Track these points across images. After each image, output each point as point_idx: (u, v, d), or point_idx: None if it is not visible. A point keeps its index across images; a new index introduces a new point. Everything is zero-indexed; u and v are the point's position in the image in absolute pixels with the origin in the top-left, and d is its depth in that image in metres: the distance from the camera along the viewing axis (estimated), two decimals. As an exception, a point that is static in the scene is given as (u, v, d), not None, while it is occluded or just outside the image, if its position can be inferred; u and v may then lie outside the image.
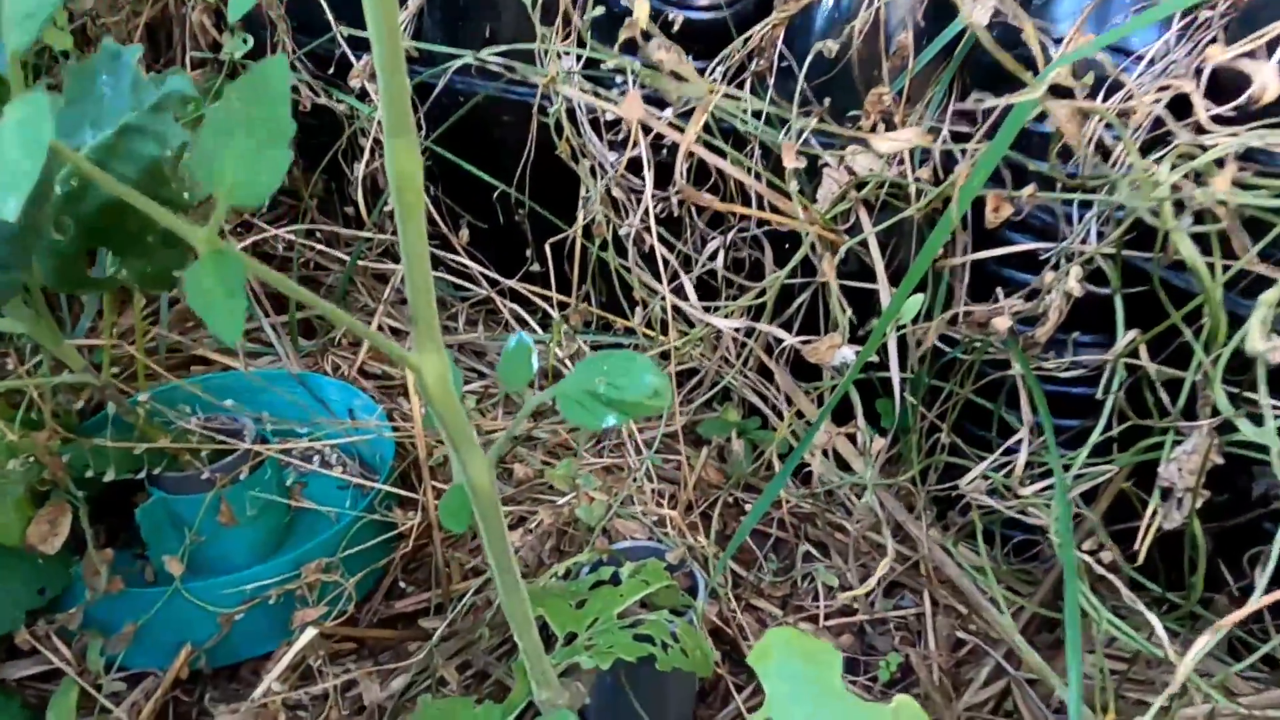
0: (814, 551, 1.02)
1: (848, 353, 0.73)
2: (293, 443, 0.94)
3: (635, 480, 0.87)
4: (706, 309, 0.91)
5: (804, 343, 0.76)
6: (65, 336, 0.77)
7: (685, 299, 0.86)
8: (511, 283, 1.08)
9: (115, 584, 0.78)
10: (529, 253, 1.09)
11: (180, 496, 0.89)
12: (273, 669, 0.74)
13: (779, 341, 0.83)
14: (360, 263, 1.21)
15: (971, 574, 0.82)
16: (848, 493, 1.06)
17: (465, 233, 1.07)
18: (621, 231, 0.88)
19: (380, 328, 1.24)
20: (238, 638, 0.85)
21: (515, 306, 1.12)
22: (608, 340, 1.13)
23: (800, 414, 0.90)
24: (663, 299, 0.86)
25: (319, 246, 1.19)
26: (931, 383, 0.90)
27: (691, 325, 0.91)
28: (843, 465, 0.97)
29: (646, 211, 0.81)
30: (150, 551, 0.90)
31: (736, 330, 0.90)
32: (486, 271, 1.09)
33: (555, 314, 1.06)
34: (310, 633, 0.75)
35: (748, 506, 1.03)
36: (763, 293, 0.83)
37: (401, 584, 0.94)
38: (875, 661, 0.93)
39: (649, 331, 1.02)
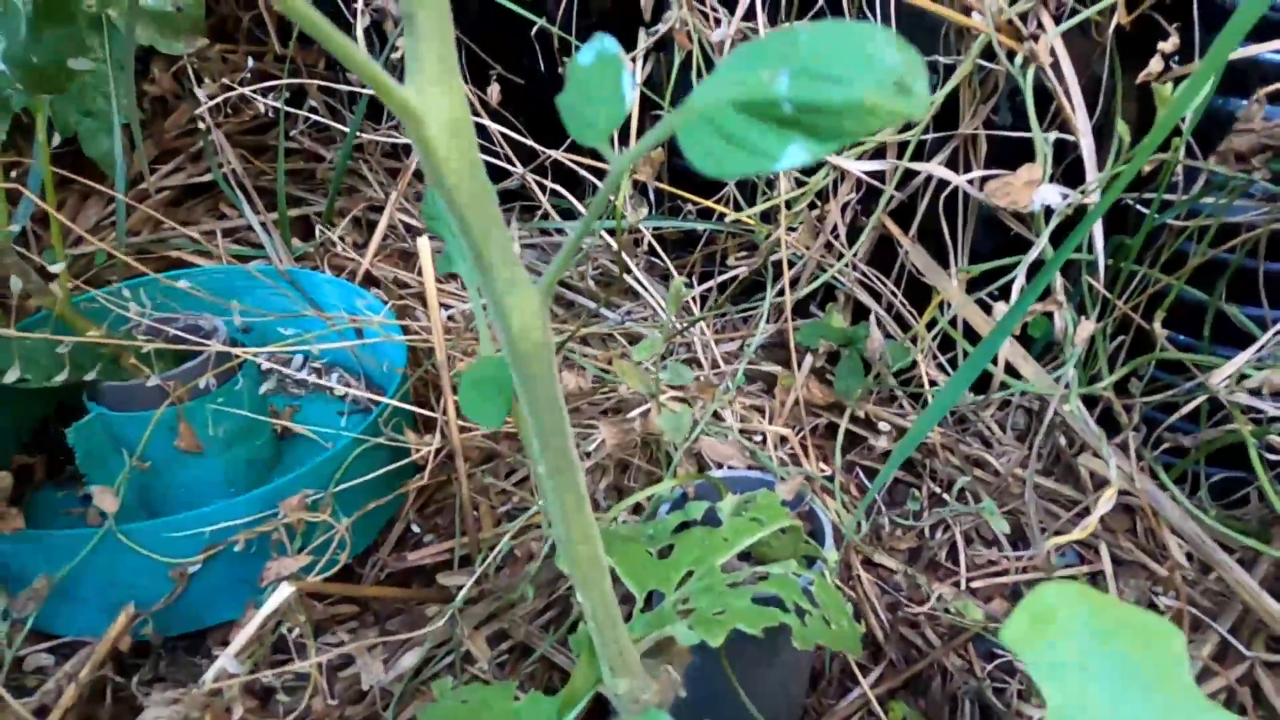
0: (943, 494, 0.78)
1: (1052, 193, 0.49)
2: (276, 346, 0.72)
3: (728, 388, 0.64)
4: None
5: (978, 181, 0.52)
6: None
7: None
8: (556, 154, 0.84)
9: (9, 521, 0.56)
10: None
11: (124, 414, 0.67)
12: (232, 642, 0.53)
13: (915, 200, 0.59)
14: (368, 136, 0.98)
15: (1196, 514, 0.58)
16: (987, 420, 0.82)
17: (496, 89, 0.84)
18: (714, 37, 0.64)
19: (393, 224, 1.02)
20: (198, 599, 0.64)
21: (557, 186, 0.89)
22: (673, 225, 0.90)
23: (945, 307, 0.66)
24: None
25: (316, 118, 0.96)
26: (1130, 267, 0.66)
27: (804, 182, 0.68)
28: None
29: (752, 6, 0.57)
30: (90, 486, 0.69)
31: (868, 175, 0.66)
32: (522, 140, 0.86)
33: (612, 197, 0.83)
34: (286, 590, 0.53)
35: (861, 433, 0.80)
36: (909, 125, 0.60)
37: (416, 528, 0.72)
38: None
39: (736, 213, 0.78)
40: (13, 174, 0.90)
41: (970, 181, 0.58)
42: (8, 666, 0.60)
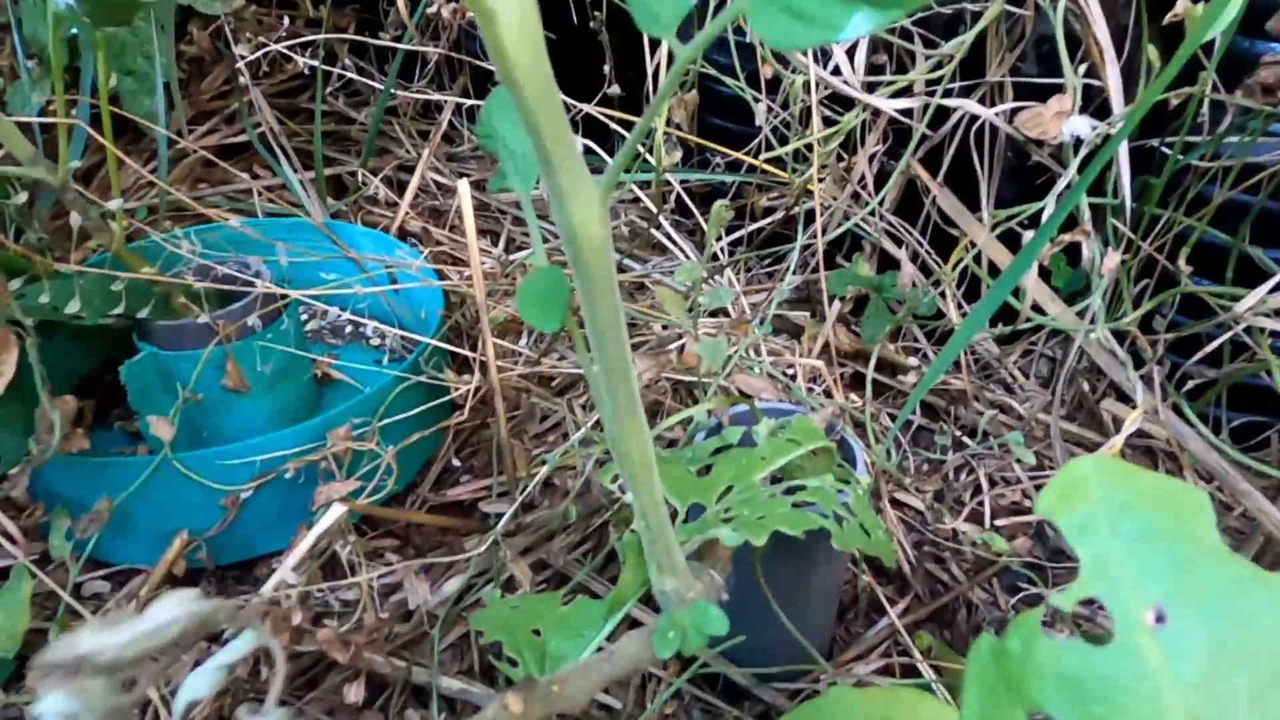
0: (971, 443, 0.80)
1: (1081, 124, 0.51)
2: (320, 289, 0.74)
3: (760, 325, 0.66)
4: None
5: (1007, 114, 0.54)
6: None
7: (836, 72, 0.63)
8: (588, 107, 0.86)
9: (76, 441, 0.59)
10: (607, 69, 0.88)
11: (174, 352, 0.70)
12: (288, 558, 0.55)
13: (940, 151, 0.60)
14: (400, 95, 1.00)
15: (1222, 449, 0.60)
16: (1010, 367, 0.84)
17: (528, 44, 0.85)
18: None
19: (425, 184, 1.04)
20: (249, 527, 0.67)
21: (587, 141, 0.91)
22: (703, 179, 0.91)
23: (971, 250, 0.68)
24: (804, 78, 0.63)
25: (350, 76, 0.98)
26: (1154, 210, 0.67)
27: (835, 121, 0.69)
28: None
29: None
30: (141, 424, 0.71)
31: (903, 114, 0.67)
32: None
33: (641, 148, 0.85)
34: (338, 510, 0.55)
35: (887, 380, 0.82)
36: (938, 64, 0.61)
37: (456, 463, 0.74)
38: (1063, 574, 0.71)
39: (767, 164, 0.80)
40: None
41: (1004, 116, 0.60)
42: (69, 589, 0.62)
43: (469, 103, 0.97)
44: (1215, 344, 0.63)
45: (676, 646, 0.40)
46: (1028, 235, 0.57)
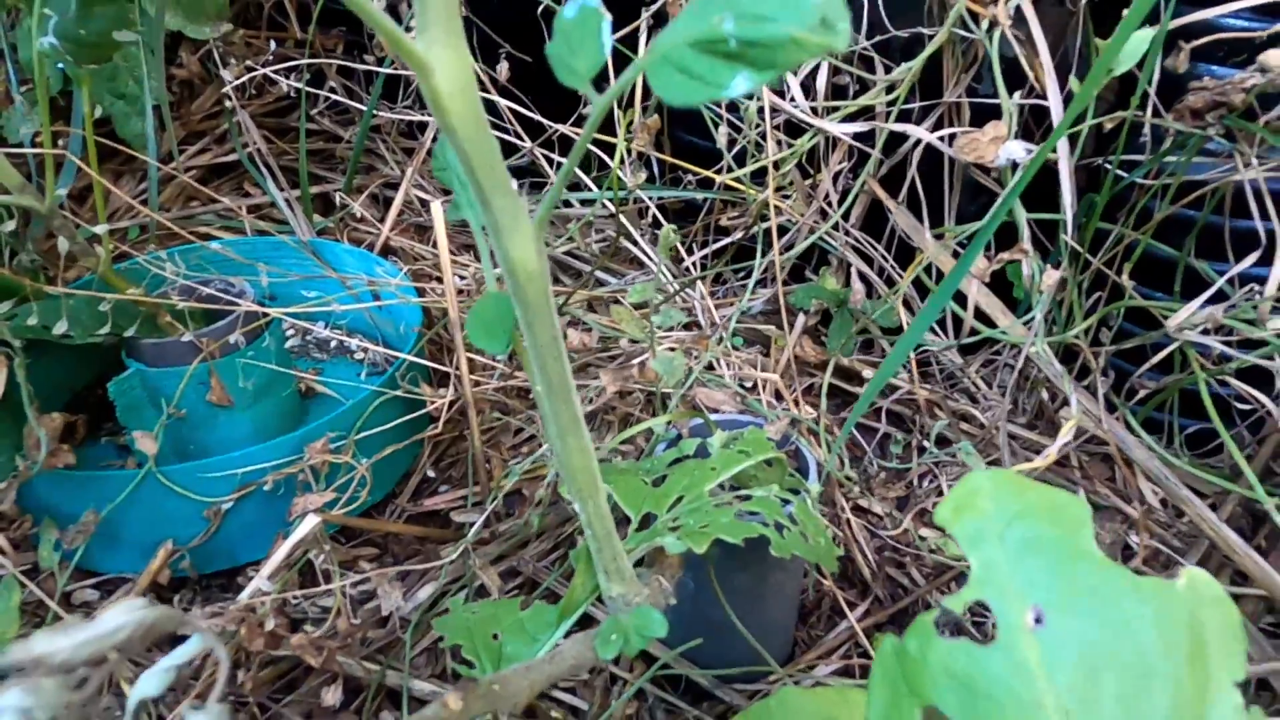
0: (930, 447, 0.82)
1: (1016, 148, 0.53)
2: (300, 307, 0.77)
3: (721, 340, 0.68)
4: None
5: (948, 138, 0.56)
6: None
7: (789, 99, 0.66)
8: (563, 128, 0.89)
9: (62, 456, 0.61)
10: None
11: (160, 369, 0.72)
12: (264, 567, 0.58)
13: (904, 167, 0.63)
14: (384, 115, 1.03)
15: (1164, 456, 0.62)
16: (973, 376, 0.86)
17: (505, 67, 0.88)
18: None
19: (409, 200, 1.06)
20: (232, 538, 0.69)
21: (563, 160, 0.93)
22: (674, 195, 0.94)
23: (930, 268, 0.70)
24: (758, 104, 0.66)
25: (336, 98, 1.01)
26: (1099, 225, 0.70)
27: (791, 146, 0.72)
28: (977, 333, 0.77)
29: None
30: (129, 437, 0.74)
31: (857, 139, 0.70)
32: (531, 115, 0.90)
33: (614, 164, 0.88)
34: (312, 521, 0.58)
35: (851, 390, 0.84)
36: (892, 88, 0.63)
37: (433, 474, 0.76)
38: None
39: (731, 181, 0.82)
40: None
41: (944, 139, 0.62)
42: (58, 598, 0.65)
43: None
44: (1160, 355, 0.66)
45: (619, 649, 0.43)
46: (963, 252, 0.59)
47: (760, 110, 0.69)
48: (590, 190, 0.95)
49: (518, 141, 0.96)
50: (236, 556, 0.71)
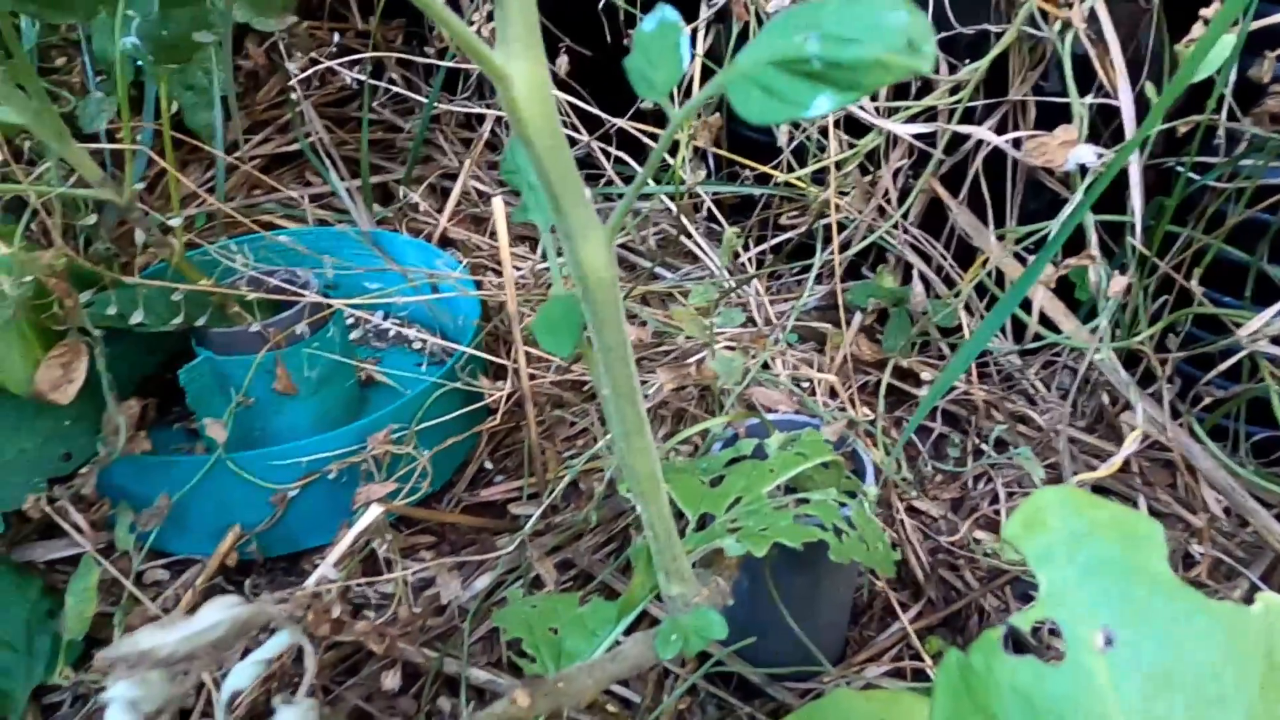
0: (986, 448, 0.82)
1: (1087, 152, 0.52)
2: (363, 299, 0.78)
3: (778, 340, 0.69)
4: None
5: (1014, 140, 0.56)
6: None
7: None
8: (620, 121, 0.89)
9: (140, 443, 0.64)
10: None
11: (228, 357, 0.74)
12: (330, 554, 0.59)
13: (965, 164, 0.62)
14: (444, 107, 1.04)
15: (1229, 465, 0.61)
16: (1032, 379, 0.85)
17: (565, 61, 0.89)
18: (770, 7, 0.68)
19: (467, 191, 1.08)
20: (296, 523, 0.71)
21: (621, 154, 0.94)
22: (731, 190, 0.94)
23: (986, 265, 0.70)
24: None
25: (397, 90, 1.02)
26: (1168, 228, 0.68)
27: (852, 145, 0.71)
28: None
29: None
30: (199, 424, 0.76)
31: (919, 139, 0.69)
32: (589, 108, 0.91)
33: (672, 159, 0.88)
34: (376, 510, 0.60)
35: (906, 389, 0.84)
36: (957, 87, 0.63)
37: (489, 465, 0.78)
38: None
39: (788, 174, 0.82)
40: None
41: (1011, 143, 0.62)
42: (132, 578, 0.67)
43: (509, 115, 1.01)
44: (1229, 363, 0.64)
45: (678, 649, 0.43)
46: (1031, 259, 0.58)
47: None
48: (647, 185, 0.95)
49: (574, 135, 0.96)
50: (300, 541, 0.73)
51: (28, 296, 0.56)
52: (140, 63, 0.59)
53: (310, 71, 0.95)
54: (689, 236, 0.92)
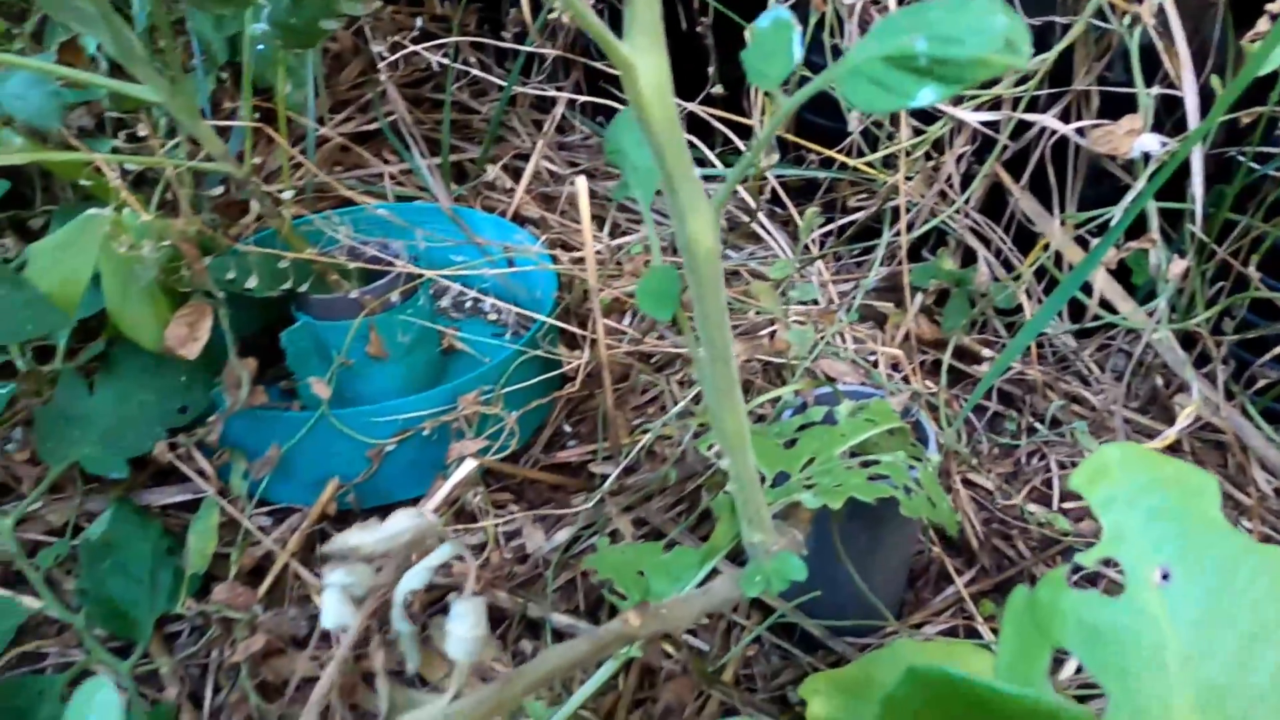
0: (1041, 427, 0.85)
1: (1151, 141, 0.55)
2: (451, 270, 0.83)
3: (845, 315, 0.72)
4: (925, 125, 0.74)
5: (1080, 130, 0.59)
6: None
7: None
8: (692, 106, 0.93)
9: (258, 395, 0.69)
10: (711, 70, 0.94)
11: (327, 322, 0.80)
12: (428, 502, 0.65)
13: (1026, 152, 0.65)
14: (519, 90, 1.08)
15: (1280, 444, 0.64)
16: (1086, 360, 0.88)
17: (639, 47, 0.92)
18: (847, 1, 0.71)
19: (538, 172, 1.12)
20: (388, 477, 0.77)
21: (691, 137, 0.97)
22: (796, 174, 0.97)
23: (1048, 249, 0.73)
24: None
25: (475, 73, 1.07)
26: (1227, 215, 0.71)
27: (920, 133, 0.75)
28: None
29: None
30: (300, 384, 0.81)
31: (986, 126, 0.73)
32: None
33: (742, 144, 0.92)
34: (470, 464, 0.65)
35: (962, 368, 0.87)
36: (1025, 78, 0.66)
37: (565, 429, 0.83)
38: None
39: (858, 159, 0.86)
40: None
41: (1077, 131, 0.64)
42: (246, 519, 0.73)
43: (581, 98, 1.05)
44: (1283, 346, 0.67)
45: (762, 588, 0.48)
46: (1095, 242, 0.61)
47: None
48: (715, 166, 0.99)
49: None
50: (391, 494, 0.78)
51: (163, 260, 0.62)
52: (262, 46, 0.64)
53: (398, 55, 1.00)
54: (754, 219, 0.96)
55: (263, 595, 0.68)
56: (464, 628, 0.30)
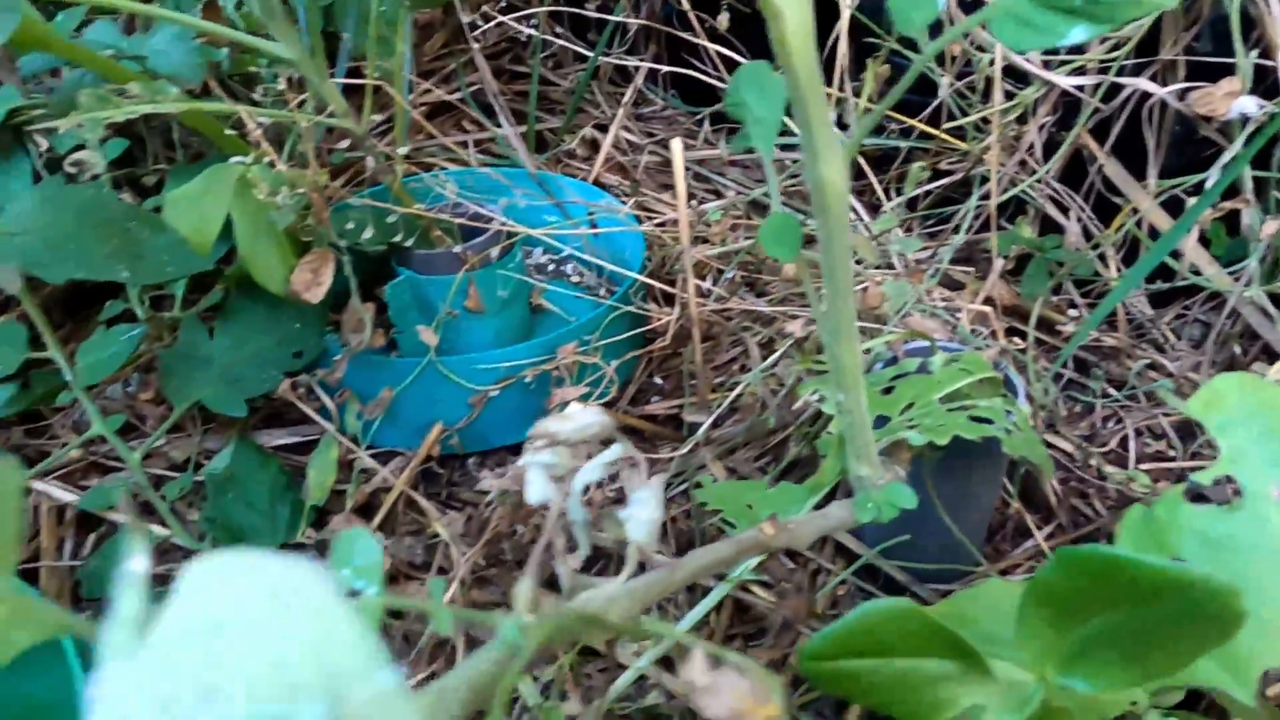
0: (1112, 391, 0.87)
1: (1249, 103, 0.57)
2: (545, 230, 0.87)
3: (935, 273, 0.75)
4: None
5: (1182, 93, 0.61)
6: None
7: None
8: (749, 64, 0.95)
9: (378, 338, 0.73)
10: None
11: (428, 276, 0.84)
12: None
13: (1109, 121, 0.67)
14: (601, 59, 1.11)
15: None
16: (1163, 328, 0.90)
17: (725, 17, 0.95)
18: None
19: (617, 143, 1.15)
20: (488, 422, 0.80)
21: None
22: (875, 145, 1.00)
23: (1136, 216, 0.75)
24: (989, 56, 0.71)
25: (560, 42, 1.10)
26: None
27: (1011, 96, 0.77)
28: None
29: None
30: (398, 334, 0.85)
31: (1079, 90, 0.75)
32: (741, 60, 0.97)
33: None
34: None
35: (1044, 337, 0.89)
36: (1116, 45, 0.68)
37: (656, 381, 0.86)
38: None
39: (942, 134, 0.88)
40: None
41: (1175, 95, 0.66)
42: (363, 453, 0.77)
43: (664, 69, 1.08)
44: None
45: (875, 514, 0.51)
46: (1191, 202, 0.63)
47: (989, 61, 0.74)
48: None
49: (721, 85, 1.03)
50: (490, 439, 0.82)
51: (297, 208, 0.66)
52: (384, 8, 0.68)
53: (491, 25, 1.03)
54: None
55: (375, 527, 0.72)
56: (645, 512, 0.33)
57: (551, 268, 1.04)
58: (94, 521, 0.77)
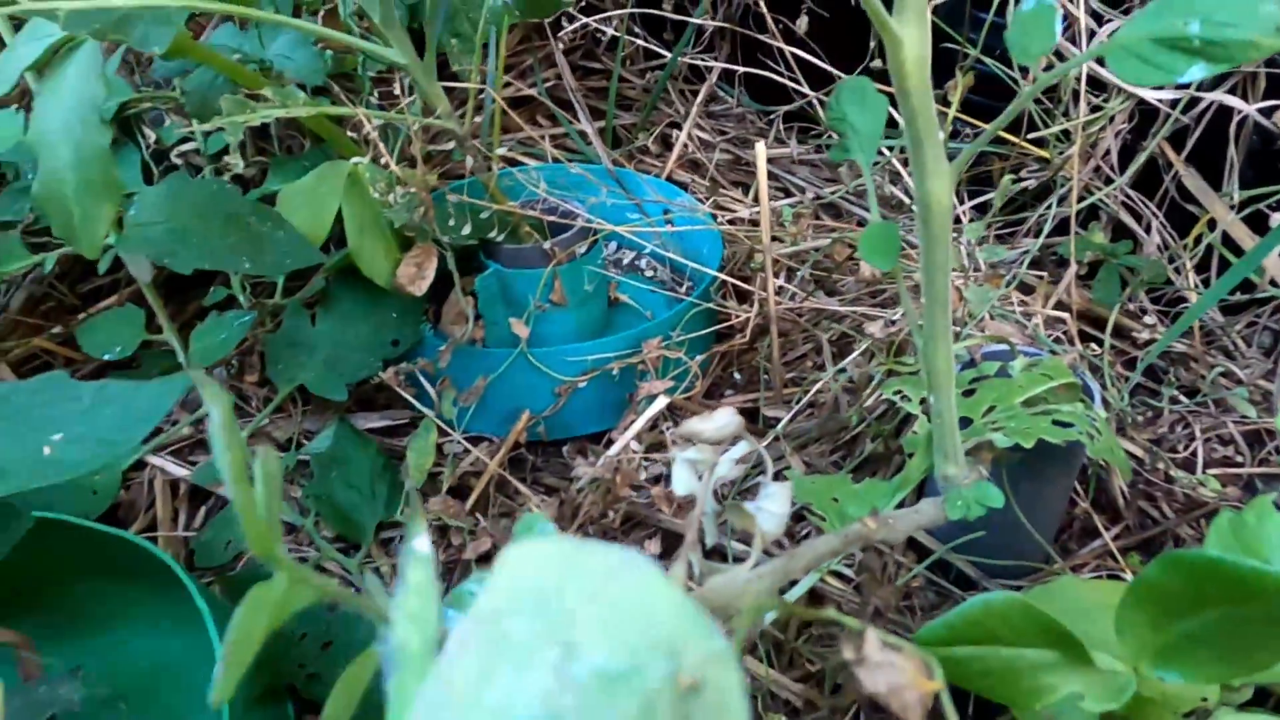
0: (1182, 397, 0.88)
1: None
2: (628, 227, 0.90)
3: (1013, 278, 0.77)
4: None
5: (1269, 109, 0.62)
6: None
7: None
8: (850, 79, 0.97)
9: (479, 330, 0.77)
10: (873, 45, 0.99)
11: (514, 270, 0.87)
12: (626, 431, 0.72)
13: (1185, 132, 0.68)
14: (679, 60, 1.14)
15: None
16: (1234, 336, 0.91)
17: (805, 20, 0.98)
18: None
19: (689, 140, 1.18)
20: (573, 412, 0.84)
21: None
22: (952, 147, 1.01)
23: (1212, 224, 0.76)
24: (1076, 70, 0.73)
25: (639, 43, 1.13)
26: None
27: (1098, 109, 0.78)
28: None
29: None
30: (488, 326, 0.89)
31: (1160, 103, 0.76)
32: (820, 64, 0.99)
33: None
34: (661, 401, 0.72)
35: (1112, 342, 0.91)
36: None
37: (736, 375, 0.89)
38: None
39: (1024, 143, 0.90)
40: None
41: (1262, 112, 0.68)
42: (450, 461, 0.81)
43: (739, 69, 1.10)
44: None
45: (964, 511, 0.53)
46: (1275, 217, 0.65)
47: (1075, 76, 0.76)
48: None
49: (799, 89, 1.05)
50: (573, 429, 0.85)
51: (409, 206, 0.70)
52: (484, 13, 0.71)
53: (575, 26, 1.07)
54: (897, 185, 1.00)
55: (469, 509, 0.76)
56: (775, 505, 0.37)
57: (626, 262, 1.08)
58: (204, 495, 0.82)
